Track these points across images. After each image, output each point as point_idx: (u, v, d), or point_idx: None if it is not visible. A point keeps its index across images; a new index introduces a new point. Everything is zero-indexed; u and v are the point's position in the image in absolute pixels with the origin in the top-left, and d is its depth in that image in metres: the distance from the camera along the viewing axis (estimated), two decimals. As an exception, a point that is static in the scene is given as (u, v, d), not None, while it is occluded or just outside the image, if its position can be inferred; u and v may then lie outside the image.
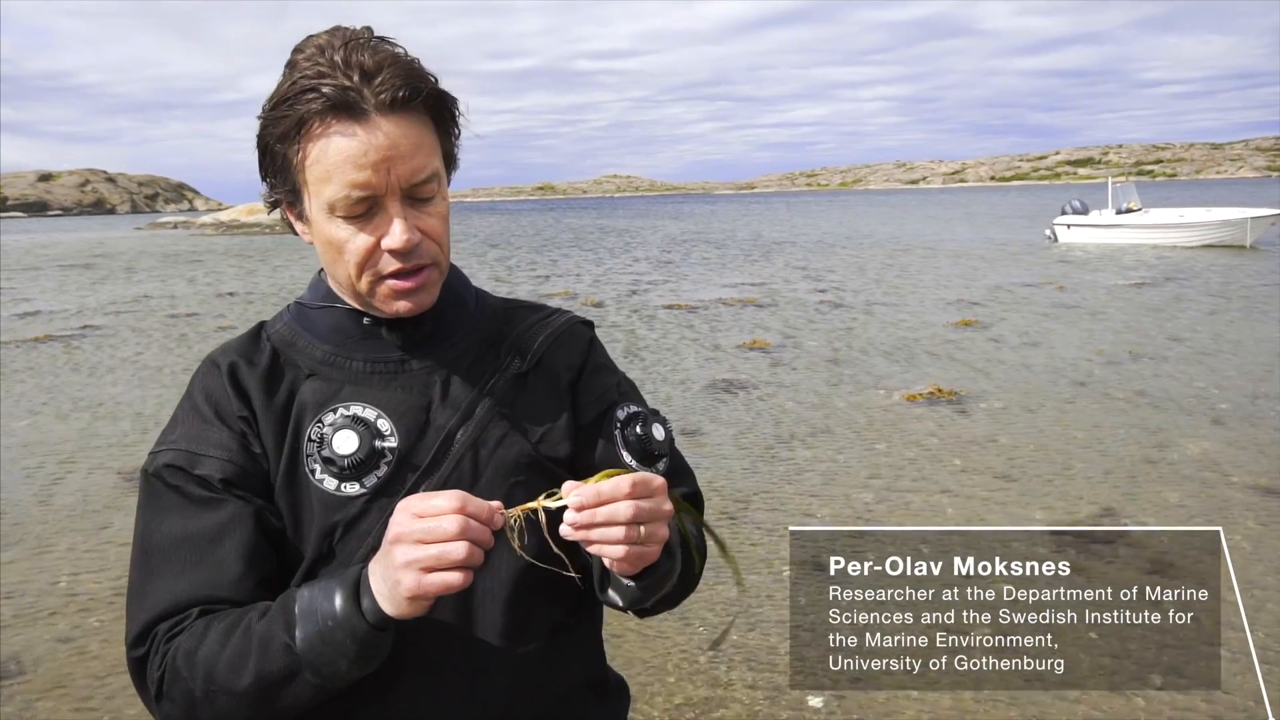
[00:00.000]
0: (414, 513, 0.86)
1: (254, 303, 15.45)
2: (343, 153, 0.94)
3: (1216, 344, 9.27)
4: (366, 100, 0.93)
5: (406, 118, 0.96)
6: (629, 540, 0.87)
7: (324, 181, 0.95)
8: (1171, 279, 15.05)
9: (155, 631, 0.95)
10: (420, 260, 1.00)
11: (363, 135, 0.93)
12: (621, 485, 0.87)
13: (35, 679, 3.43)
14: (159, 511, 1.00)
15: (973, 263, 19.38)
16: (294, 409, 1.03)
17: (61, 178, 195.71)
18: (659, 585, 1.00)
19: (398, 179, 0.95)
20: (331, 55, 0.94)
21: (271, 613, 0.92)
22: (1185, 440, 5.98)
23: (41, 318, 14.06)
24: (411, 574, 0.84)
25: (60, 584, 4.26)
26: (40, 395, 8.37)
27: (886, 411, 7.00)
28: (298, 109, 0.94)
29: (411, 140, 0.96)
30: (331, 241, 0.99)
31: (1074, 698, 3.10)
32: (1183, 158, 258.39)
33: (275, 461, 1.01)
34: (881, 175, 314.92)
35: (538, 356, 1.11)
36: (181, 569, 0.97)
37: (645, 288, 16.20)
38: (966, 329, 10.69)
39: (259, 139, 1.00)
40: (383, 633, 0.89)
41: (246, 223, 49.15)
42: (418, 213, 0.99)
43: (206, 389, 1.05)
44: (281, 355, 1.07)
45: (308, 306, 1.09)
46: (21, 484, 5.77)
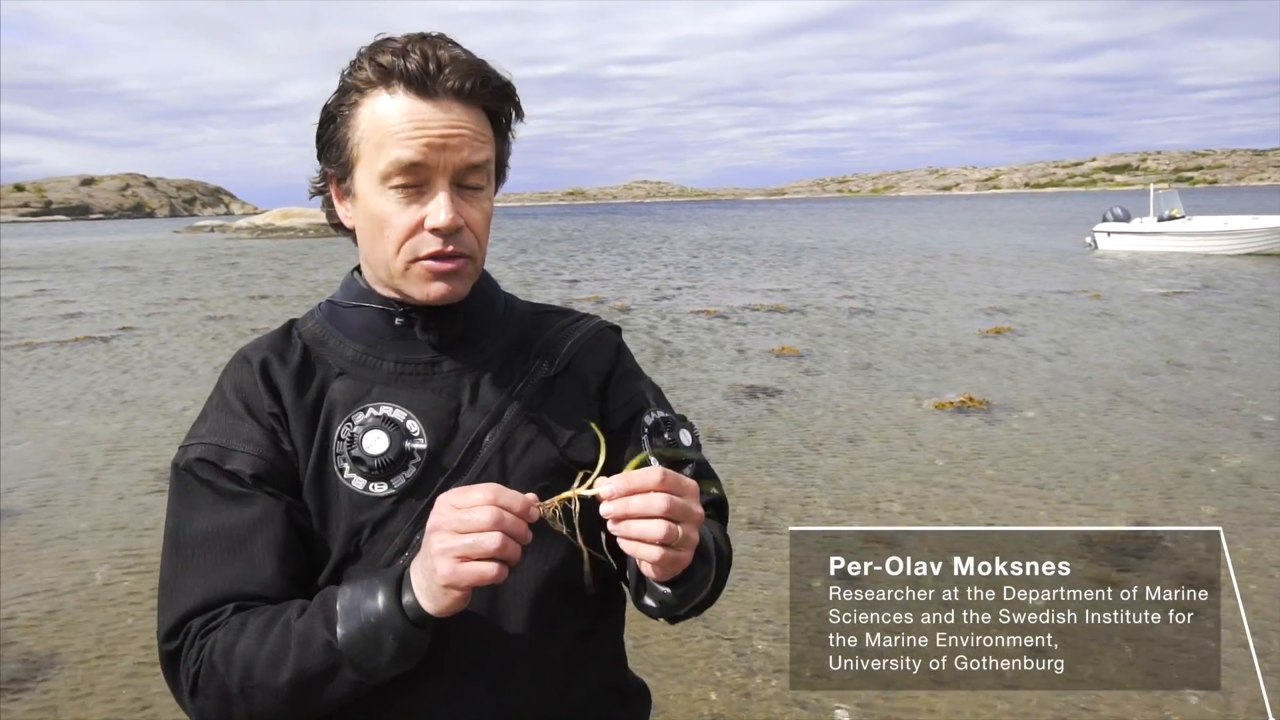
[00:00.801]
0: (452, 504, 0.87)
1: (288, 305, 15.65)
2: (407, 118, 0.96)
3: (1256, 354, 9.08)
4: (438, 82, 0.97)
5: (471, 108, 0.99)
6: (667, 540, 0.86)
7: (381, 147, 0.98)
8: (1210, 287, 14.77)
9: (189, 627, 0.96)
10: (459, 247, 1.01)
11: (429, 109, 0.97)
12: (651, 475, 0.87)
13: (67, 676, 3.49)
14: (190, 506, 1.01)
15: (1004, 269, 19.15)
16: (324, 407, 1.04)
17: (103, 182, 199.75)
18: (695, 591, 1.00)
19: (451, 162, 0.98)
20: (409, 47, 0.98)
21: (310, 610, 0.93)
22: (1223, 453, 5.86)
23: (82, 319, 14.34)
24: (447, 562, 0.85)
25: (95, 580, 4.33)
26: (79, 394, 8.54)
27: (917, 420, 6.94)
28: (373, 69, 0.98)
29: (471, 129, 0.99)
30: (376, 215, 1.00)
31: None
32: (1223, 164, 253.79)
33: (304, 459, 1.02)
34: (914, 181, 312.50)
35: (566, 361, 1.12)
36: (214, 564, 0.98)
37: (673, 293, 16.20)
38: (998, 336, 10.56)
39: (324, 109, 1.03)
40: (422, 630, 0.91)
41: (281, 226, 49.84)
42: (464, 201, 1.01)
43: (238, 384, 1.06)
44: (312, 353, 1.08)
45: (340, 305, 1.10)
46: (59, 481, 5.88)
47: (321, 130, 1.04)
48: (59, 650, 3.68)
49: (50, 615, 3.98)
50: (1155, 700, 3.08)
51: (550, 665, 1.05)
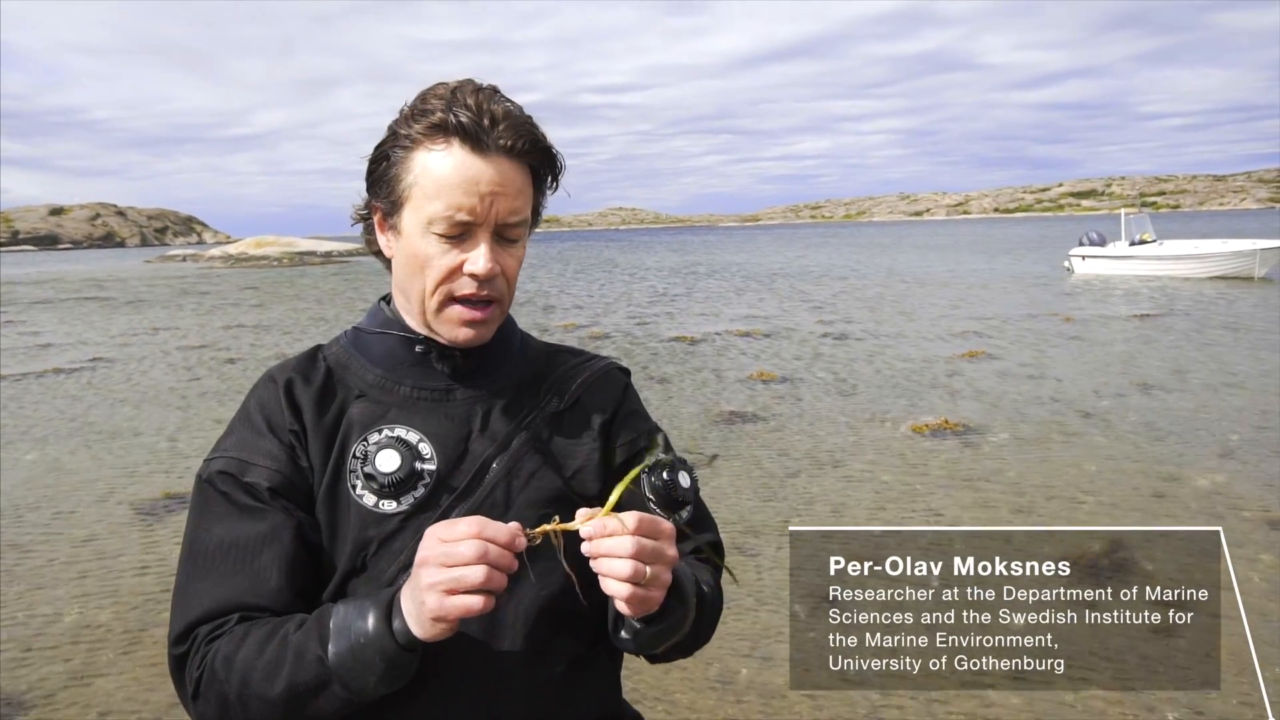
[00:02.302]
0: (439, 537, 0.90)
1: (261, 335, 15.54)
2: (459, 174, 1.02)
3: (1225, 376, 9.26)
4: (491, 138, 1.02)
5: (518, 164, 1.05)
6: (633, 578, 0.90)
7: (431, 197, 1.03)
8: (1180, 310, 15.06)
9: (196, 633, 1.00)
10: (492, 293, 1.07)
11: (481, 165, 1.03)
12: (626, 521, 0.91)
13: (45, 714, 3.42)
14: (209, 516, 1.06)
15: (978, 294, 19.42)
16: (342, 427, 1.09)
17: (72, 211, 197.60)
18: (670, 632, 1.03)
19: (496, 214, 1.04)
20: (464, 98, 1.03)
21: (307, 625, 0.96)
22: (1194, 473, 5.96)
23: (52, 350, 14.15)
24: (434, 595, 0.88)
25: (70, 617, 4.26)
26: (49, 427, 8.41)
27: (893, 443, 7.00)
28: (431, 120, 1.03)
29: (517, 185, 1.05)
30: (418, 255, 1.06)
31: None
32: (1186, 189, 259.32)
33: (320, 475, 1.07)
34: (885, 207, 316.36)
35: (575, 397, 1.17)
36: (225, 574, 1.02)
37: (650, 320, 16.26)
38: (973, 360, 10.70)
39: (378, 147, 1.08)
40: (410, 653, 0.93)
41: (254, 255, 49.53)
42: (502, 250, 1.07)
43: (261, 401, 1.11)
44: (335, 375, 1.13)
45: (365, 331, 1.16)
46: (31, 516, 5.78)
47: (373, 166, 1.09)
48: (32, 688, 3.60)
49: (27, 651, 3.90)
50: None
51: (544, 690, 1.07)
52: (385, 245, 1.12)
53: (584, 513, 0.94)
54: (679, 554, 1.15)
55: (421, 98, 1.06)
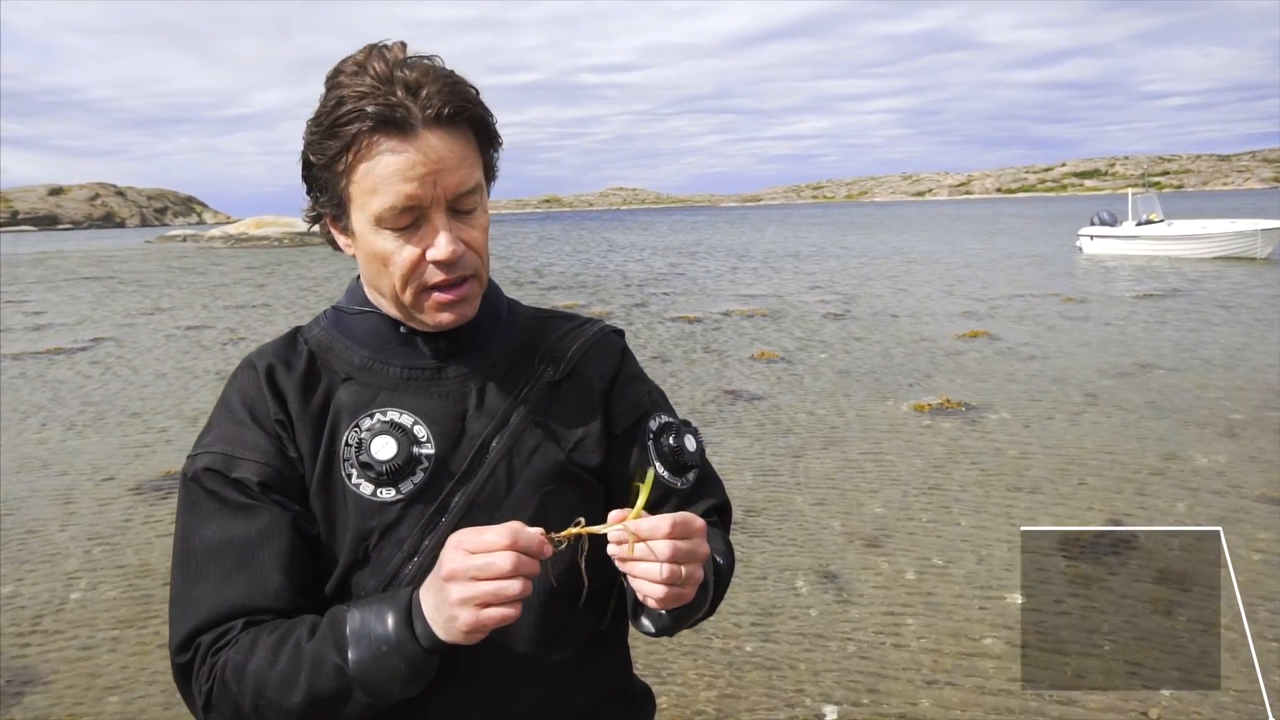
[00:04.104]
0: (467, 549, 0.85)
1: (262, 314, 15.53)
2: (390, 167, 0.95)
3: (1227, 355, 9.25)
4: (413, 115, 0.94)
5: (452, 131, 0.97)
6: (669, 581, 0.88)
7: (371, 194, 0.96)
8: (1183, 290, 15.02)
9: (199, 642, 0.96)
10: (463, 271, 1.01)
11: (410, 150, 0.94)
12: (660, 526, 0.88)
13: (50, 692, 3.45)
14: (198, 517, 1.00)
15: (980, 273, 19.37)
16: (330, 413, 1.04)
17: (71, 192, 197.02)
18: (692, 613, 1.01)
19: (443, 191, 0.97)
20: (375, 72, 0.95)
21: (321, 631, 0.92)
22: (1195, 451, 5.97)
23: (52, 330, 14.15)
24: (468, 611, 0.84)
25: (75, 595, 4.28)
26: (52, 408, 8.43)
27: (896, 422, 7.01)
28: (345, 129, 0.95)
29: (457, 154, 0.97)
30: (377, 254, 1.00)
31: (1076, 698, 3.10)
32: (1189, 169, 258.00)
33: (310, 465, 1.02)
34: (887, 187, 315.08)
35: (571, 365, 1.12)
36: (222, 577, 0.97)
37: (652, 299, 16.24)
38: (975, 340, 10.68)
39: (303, 156, 1.01)
40: (434, 655, 0.90)
41: (255, 235, 49.40)
42: (461, 224, 1.00)
43: (243, 391, 1.05)
44: (318, 359, 1.07)
45: (345, 312, 1.10)
46: (35, 496, 5.81)
47: (305, 171, 1.02)
48: (41, 663, 3.63)
49: (33, 630, 3.93)
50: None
51: (558, 670, 1.05)
52: (344, 245, 1.05)
53: (615, 515, 0.91)
54: (697, 512, 1.14)
55: (331, 93, 0.96)
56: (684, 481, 1.13)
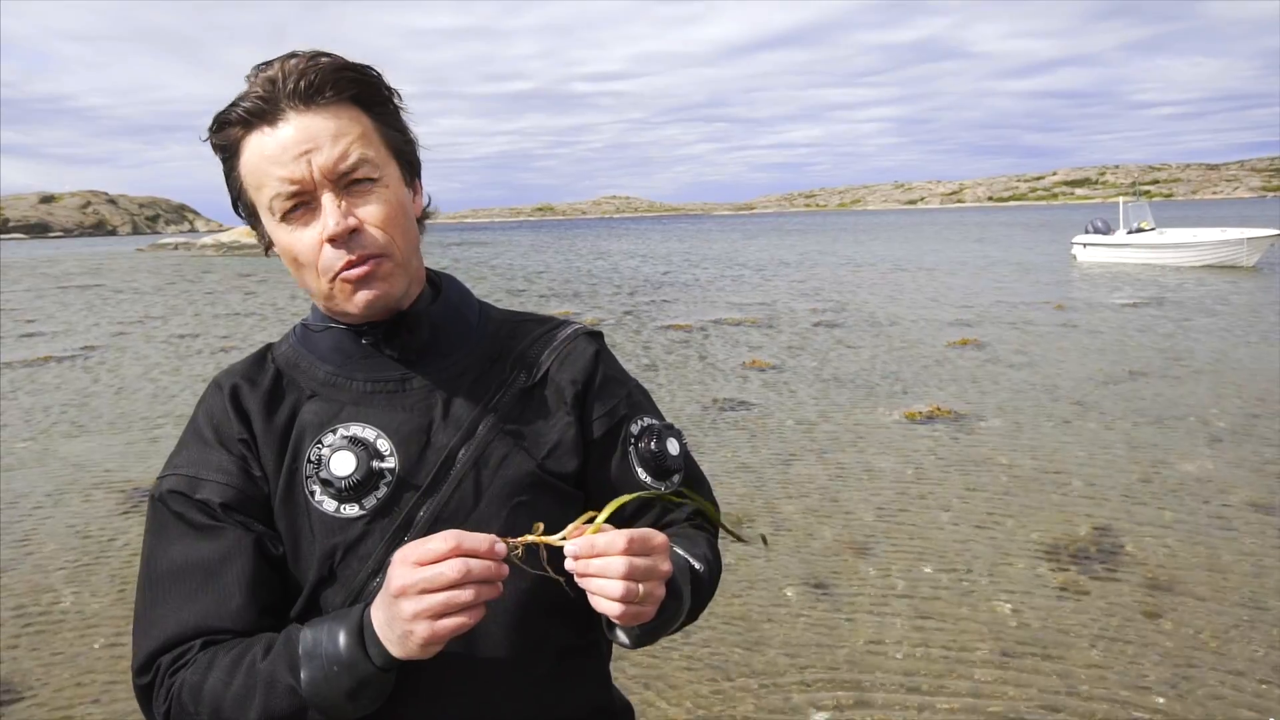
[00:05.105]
0: (413, 562, 0.83)
1: (254, 322, 15.49)
2: (262, 154, 0.96)
3: (1214, 364, 9.30)
4: (273, 100, 0.95)
5: (324, 109, 0.96)
6: (625, 599, 0.85)
7: (259, 189, 0.97)
8: (1171, 299, 15.11)
9: (159, 663, 0.95)
10: (365, 250, 0.97)
11: (277, 133, 0.95)
12: (616, 541, 0.85)
13: (37, 701, 3.43)
14: (163, 538, 1.00)
15: (971, 282, 19.45)
16: (294, 430, 1.02)
17: (63, 199, 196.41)
18: (663, 628, 0.98)
19: (321, 169, 0.95)
20: (252, 77, 0.97)
21: (275, 651, 0.91)
22: (1182, 459, 6.00)
23: (43, 339, 14.09)
24: (423, 624, 0.82)
25: (61, 604, 4.26)
26: (41, 416, 8.39)
27: (886, 430, 7.03)
28: (226, 133, 0.98)
29: (330, 129, 0.95)
30: (286, 251, 0.99)
31: (1065, 705, 3.11)
32: (1179, 178, 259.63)
33: (274, 483, 1.01)
34: (880, 196, 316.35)
35: (543, 370, 1.10)
36: (184, 599, 0.96)
37: (643, 308, 16.25)
38: (966, 348, 10.73)
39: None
40: (389, 672, 0.89)
41: (247, 244, 49.26)
42: (355, 199, 0.97)
43: (209, 411, 1.05)
44: (285, 376, 1.07)
45: (311, 328, 1.09)
46: (23, 504, 5.78)
47: (232, 200, 1.04)
48: (27, 674, 3.61)
49: (19, 638, 3.91)
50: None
51: (535, 685, 1.03)
52: (274, 252, 1.04)
53: (573, 525, 0.89)
54: (680, 517, 1.13)
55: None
56: (667, 485, 1.10)
